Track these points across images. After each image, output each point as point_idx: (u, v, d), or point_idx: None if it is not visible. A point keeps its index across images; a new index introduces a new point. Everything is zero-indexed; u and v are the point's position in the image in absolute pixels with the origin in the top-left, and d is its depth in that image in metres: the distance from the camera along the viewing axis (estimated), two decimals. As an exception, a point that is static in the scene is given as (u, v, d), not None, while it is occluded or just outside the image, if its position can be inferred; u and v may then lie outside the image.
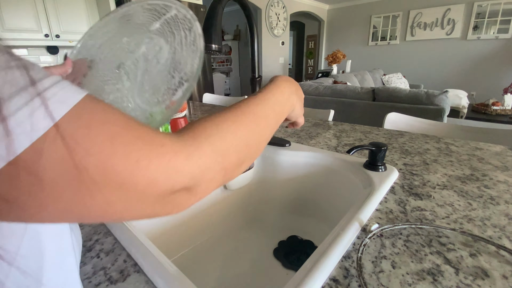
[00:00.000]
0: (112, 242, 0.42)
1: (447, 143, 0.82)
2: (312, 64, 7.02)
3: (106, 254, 0.40)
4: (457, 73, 4.95)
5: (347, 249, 0.38)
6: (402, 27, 5.33)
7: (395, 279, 0.32)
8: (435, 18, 4.90)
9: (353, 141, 0.85)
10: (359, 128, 1.00)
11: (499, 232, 0.41)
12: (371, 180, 0.57)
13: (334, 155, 0.71)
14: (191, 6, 2.88)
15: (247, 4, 0.65)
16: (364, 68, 5.74)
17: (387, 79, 4.74)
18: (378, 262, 0.35)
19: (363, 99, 2.70)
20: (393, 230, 0.42)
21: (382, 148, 0.59)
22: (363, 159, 0.67)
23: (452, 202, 0.50)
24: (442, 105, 2.25)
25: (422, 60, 5.26)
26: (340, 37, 6.25)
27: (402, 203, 0.50)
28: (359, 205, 0.48)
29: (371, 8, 5.63)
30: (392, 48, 5.57)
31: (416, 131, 1.02)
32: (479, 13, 4.50)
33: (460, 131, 0.97)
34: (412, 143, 0.83)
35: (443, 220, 0.44)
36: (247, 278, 0.59)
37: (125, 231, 0.43)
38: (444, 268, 0.34)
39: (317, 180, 0.73)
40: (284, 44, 5.43)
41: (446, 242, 0.39)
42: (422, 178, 0.60)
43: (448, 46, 4.91)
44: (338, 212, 0.68)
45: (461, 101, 3.55)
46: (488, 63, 4.60)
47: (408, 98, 2.41)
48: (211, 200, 0.73)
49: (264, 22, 4.80)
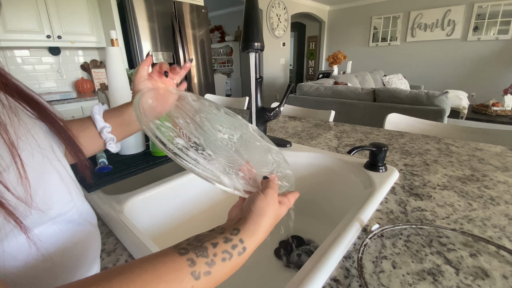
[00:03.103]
0: (114, 243, 0.42)
1: (447, 144, 0.82)
2: (313, 65, 7.02)
3: (108, 254, 0.40)
4: (457, 74, 4.95)
5: (347, 249, 0.38)
6: (402, 28, 5.33)
7: (395, 279, 0.33)
8: (435, 19, 4.90)
9: (354, 141, 0.86)
10: (360, 129, 1.01)
11: (499, 232, 0.41)
12: (371, 181, 0.57)
13: (335, 156, 0.71)
14: (192, 7, 2.89)
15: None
16: (365, 69, 5.74)
17: (387, 80, 4.74)
18: (378, 262, 0.36)
19: (363, 100, 2.70)
20: (393, 230, 0.42)
21: (382, 148, 0.59)
22: (363, 160, 0.67)
23: (453, 202, 0.50)
24: (442, 106, 2.25)
25: (423, 61, 5.26)
26: (341, 38, 6.26)
27: (403, 204, 0.50)
28: (360, 205, 0.48)
29: (372, 9, 5.64)
30: (393, 49, 5.57)
31: (417, 132, 1.02)
32: (479, 14, 4.50)
33: (460, 131, 0.97)
34: (412, 144, 0.83)
35: (443, 221, 0.44)
36: (248, 277, 0.60)
37: (127, 232, 0.43)
38: (445, 268, 0.34)
39: (318, 180, 0.73)
40: (285, 45, 5.44)
41: (447, 242, 0.39)
42: (422, 178, 0.60)
43: (448, 47, 4.91)
44: (339, 212, 0.68)
45: (461, 102, 3.55)
46: (488, 64, 4.60)
47: (408, 99, 2.41)
48: (212, 200, 0.73)
49: (265, 23, 4.81)
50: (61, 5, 2.27)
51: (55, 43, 2.32)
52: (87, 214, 0.32)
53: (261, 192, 0.32)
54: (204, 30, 3.08)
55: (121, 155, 0.80)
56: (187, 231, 0.66)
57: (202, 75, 3.18)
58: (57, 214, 0.27)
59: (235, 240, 0.26)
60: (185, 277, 0.22)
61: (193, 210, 0.68)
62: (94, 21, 2.53)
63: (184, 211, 0.66)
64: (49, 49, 2.47)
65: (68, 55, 2.62)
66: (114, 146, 0.45)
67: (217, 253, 0.24)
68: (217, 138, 0.41)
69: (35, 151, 0.25)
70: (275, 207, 0.31)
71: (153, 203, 0.58)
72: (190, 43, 2.96)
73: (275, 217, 0.31)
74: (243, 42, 0.56)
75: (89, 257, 0.31)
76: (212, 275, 0.23)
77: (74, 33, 2.41)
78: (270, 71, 5.30)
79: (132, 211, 0.54)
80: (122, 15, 2.50)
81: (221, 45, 6.15)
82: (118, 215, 0.48)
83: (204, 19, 3.05)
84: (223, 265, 0.24)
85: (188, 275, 0.22)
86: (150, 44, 2.62)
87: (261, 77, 0.74)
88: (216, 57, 6.34)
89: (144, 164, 0.71)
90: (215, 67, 6.37)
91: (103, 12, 2.53)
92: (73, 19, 2.37)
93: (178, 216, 0.65)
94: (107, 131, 0.44)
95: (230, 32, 6.05)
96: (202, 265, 0.23)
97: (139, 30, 2.51)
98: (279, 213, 0.33)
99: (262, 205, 0.30)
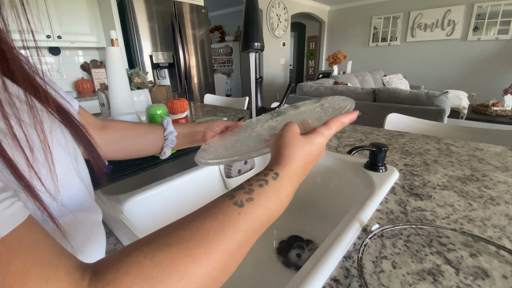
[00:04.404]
0: (114, 243, 0.42)
1: (447, 144, 0.82)
2: (313, 65, 7.03)
3: (108, 254, 0.40)
4: (457, 74, 4.95)
5: (347, 249, 0.38)
6: (402, 28, 5.33)
7: (395, 279, 0.33)
8: (435, 19, 4.90)
9: (354, 141, 0.86)
10: (360, 129, 1.01)
11: (499, 232, 0.41)
12: (371, 181, 0.57)
13: (335, 156, 0.71)
14: (192, 7, 2.89)
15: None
16: (365, 69, 5.74)
17: (387, 80, 4.74)
18: (378, 262, 0.36)
19: (363, 100, 2.71)
20: (393, 230, 0.42)
21: (382, 148, 0.59)
22: (363, 160, 0.67)
23: (453, 202, 0.50)
24: (442, 106, 2.25)
25: (423, 61, 5.26)
26: (341, 38, 6.26)
27: (403, 204, 0.50)
28: (360, 205, 0.48)
29: (372, 9, 5.64)
30: (393, 49, 5.57)
31: (417, 132, 1.02)
32: (479, 14, 4.50)
33: (460, 131, 0.97)
34: (412, 144, 0.83)
35: (443, 221, 0.44)
36: (248, 277, 0.60)
37: (126, 232, 0.43)
38: (445, 268, 0.34)
39: (317, 180, 0.73)
40: (285, 45, 5.44)
41: (447, 242, 0.39)
42: (422, 178, 0.60)
43: (448, 47, 4.91)
44: (339, 212, 0.68)
45: (461, 102, 3.55)
46: (488, 64, 4.60)
47: (408, 99, 2.41)
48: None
49: (265, 23, 4.81)
50: (61, 5, 2.27)
51: (55, 43, 2.32)
52: (96, 211, 0.34)
53: (279, 133, 0.32)
54: (204, 30, 3.08)
55: (121, 155, 0.80)
56: (187, 231, 0.66)
57: (202, 75, 3.18)
58: (73, 207, 0.28)
59: (265, 170, 0.27)
60: (229, 207, 0.23)
61: (193, 210, 0.68)
62: (94, 21, 2.53)
63: (184, 211, 0.66)
64: (49, 49, 2.47)
65: (68, 55, 2.62)
66: (169, 150, 0.52)
67: (252, 183, 0.26)
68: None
69: (63, 149, 0.27)
70: (295, 137, 0.30)
71: (153, 203, 0.58)
72: (190, 43, 2.97)
73: (303, 147, 0.30)
74: (243, 42, 0.56)
75: (95, 256, 0.31)
76: (255, 201, 0.24)
77: (74, 33, 2.41)
78: (270, 71, 5.30)
79: (132, 211, 0.54)
80: (122, 15, 2.50)
81: (221, 45, 6.15)
82: (118, 215, 0.48)
83: (204, 19, 3.05)
84: (262, 190, 0.25)
85: (231, 205, 0.23)
86: (150, 44, 2.62)
87: (261, 77, 0.74)
88: (216, 57, 6.34)
89: (144, 164, 0.71)
90: (215, 67, 6.37)
91: (103, 12, 2.53)
92: (73, 19, 2.37)
93: (178, 216, 0.64)
94: (174, 135, 0.51)
95: (230, 32, 6.05)
96: (241, 195, 0.24)
97: (139, 30, 2.51)
98: (310, 142, 0.30)
99: (279, 140, 0.30)
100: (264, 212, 0.24)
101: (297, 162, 0.29)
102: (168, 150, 0.52)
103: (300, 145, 0.30)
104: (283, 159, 0.28)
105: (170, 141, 0.51)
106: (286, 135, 0.30)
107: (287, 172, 0.28)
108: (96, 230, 0.32)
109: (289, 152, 0.29)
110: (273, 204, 0.25)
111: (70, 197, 0.28)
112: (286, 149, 0.29)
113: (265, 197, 0.25)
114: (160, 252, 0.19)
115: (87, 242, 0.30)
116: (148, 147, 0.51)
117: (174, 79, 2.94)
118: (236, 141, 0.43)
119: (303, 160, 0.29)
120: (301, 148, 0.29)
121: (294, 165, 0.28)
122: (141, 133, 0.51)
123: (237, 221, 0.23)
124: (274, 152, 0.30)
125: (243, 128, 0.50)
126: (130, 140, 0.50)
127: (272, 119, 0.48)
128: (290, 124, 0.32)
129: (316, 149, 0.31)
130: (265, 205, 0.25)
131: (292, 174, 0.28)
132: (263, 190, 0.25)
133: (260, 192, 0.25)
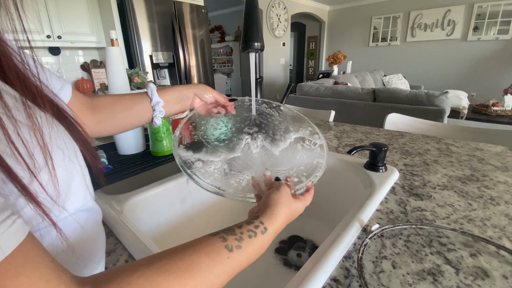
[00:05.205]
0: (114, 242, 0.42)
1: (447, 144, 0.82)
2: (313, 65, 7.02)
3: (108, 254, 0.40)
4: (457, 74, 4.95)
5: (347, 249, 0.38)
6: (402, 28, 5.33)
7: (395, 279, 0.33)
8: (435, 19, 4.90)
9: (354, 141, 0.86)
10: (360, 129, 1.01)
11: (499, 232, 0.41)
12: (371, 181, 0.57)
13: (335, 156, 0.71)
14: (192, 7, 2.89)
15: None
16: (365, 69, 5.74)
17: (387, 80, 4.74)
18: (378, 262, 0.36)
19: (363, 100, 2.70)
20: (393, 230, 0.42)
21: (382, 148, 0.59)
22: (363, 160, 0.67)
23: (453, 202, 0.50)
24: (442, 106, 2.25)
25: (423, 61, 5.26)
26: (341, 38, 6.26)
27: (403, 204, 0.50)
28: (360, 205, 0.48)
29: (372, 9, 5.63)
30: (393, 49, 5.57)
31: (417, 132, 1.02)
32: (479, 14, 4.50)
33: (460, 131, 0.97)
34: (412, 144, 0.83)
35: (443, 221, 0.44)
36: (249, 277, 0.60)
37: (126, 232, 0.43)
38: (445, 268, 0.34)
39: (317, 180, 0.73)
40: (285, 45, 5.43)
41: (447, 242, 0.39)
42: (422, 178, 0.60)
43: (448, 47, 4.91)
44: (339, 212, 0.68)
45: (461, 102, 3.55)
46: (488, 64, 4.60)
47: (408, 99, 2.41)
48: (212, 200, 0.73)
49: (265, 23, 4.81)
50: (61, 5, 2.27)
51: (55, 43, 2.32)
52: (96, 211, 0.34)
53: (275, 189, 0.37)
54: (204, 30, 3.08)
55: (121, 155, 0.80)
56: (187, 231, 0.66)
57: (202, 75, 3.18)
58: (74, 210, 0.28)
59: (256, 222, 0.31)
60: (220, 249, 0.26)
61: (193, 210, 0.68)
62: (94, 21, 2.53)
63: (184, 211, 0.66)
64: (49, 49, 2.47)
65: (68, 55, 2.62)
66: (160, 120, 0.52)
67: (243, 232, 0.29)
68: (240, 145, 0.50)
69: (62, 152, 0.27)
70: (288, 199, 0.36)
71: (153, 203, 0.58)
72: (190, 43, 2.96)
73: (290, 209, 0.35)
74: (243, 42, 0.56)
75: (97, 255, 0.32)
76: (243, 249, 0.27)
77: (74, 33, 2.41)
78: (270, 71, 5.30)
79: (132, 211, 0.54)
80: (122, 15, 2.50)
81: (221, 45, 6.15)
82: (118, 215, 0.48)
83: (204, 19, 3.05)
84: (250, 241, 0.28)
85: (223, 248, 0.26)
86: (150, 44, 2.62)
87: (261, 77, 0.74)
88: (216, 57, 6.34)
89: (144, 164, 0.71)
90: (215, 67, 6.37)
91: (103, 12, 2.53)
92: (73, 19, 2.37)
93: (178, 216, 0.65)
94: (160, 105, 0.50)
95: (230, 32, 6.05)
96: (232, 240, 0.27)
97: (139, 30, 2.51)
98: (294, 206, 0.36)
99: (275, 197, 0.35)
100: (246, 260, 0.28)
101: (283, 219, 0.34)
102: (158, 121, 0.52)
103: (287, 204, 0.35)
104: (274, 216, 0.33)
105: (158, 111, 0.51)
106: (282, 194, 0.36)
107: (274, 228, 0.32)
108: (96, 230, 0.32)
109: (279, 210, 0.34)
110: (255, 254, 0.29)
111: (71, 200, 0.28)
112: (277, 207, 0.34)
113: (251, 247, 0.28)
114: (160, 277, 0.21)
115: (87, 242, 0.30)
116: (139, 119, 0.51)
117: (174, 79, 2.94)
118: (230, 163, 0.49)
119: (287, 217, 0.35)
120: (287, 207, 0.35)
121: (281, 221, 0.33)
122: (127, 107, 0.49)
123: (225, 263, 0.25)
124: (266, 204, 0.34)
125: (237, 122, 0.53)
126: (119, 116, 0.49)
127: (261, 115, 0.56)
128: (284, 185, 0.38)
129: (297, 211, 0.37)
130: (248, 253, 0.28)
131: (277, 229, 0.33)
132: (251, 241, 0.29)
133: (248, 242, 0.28)
